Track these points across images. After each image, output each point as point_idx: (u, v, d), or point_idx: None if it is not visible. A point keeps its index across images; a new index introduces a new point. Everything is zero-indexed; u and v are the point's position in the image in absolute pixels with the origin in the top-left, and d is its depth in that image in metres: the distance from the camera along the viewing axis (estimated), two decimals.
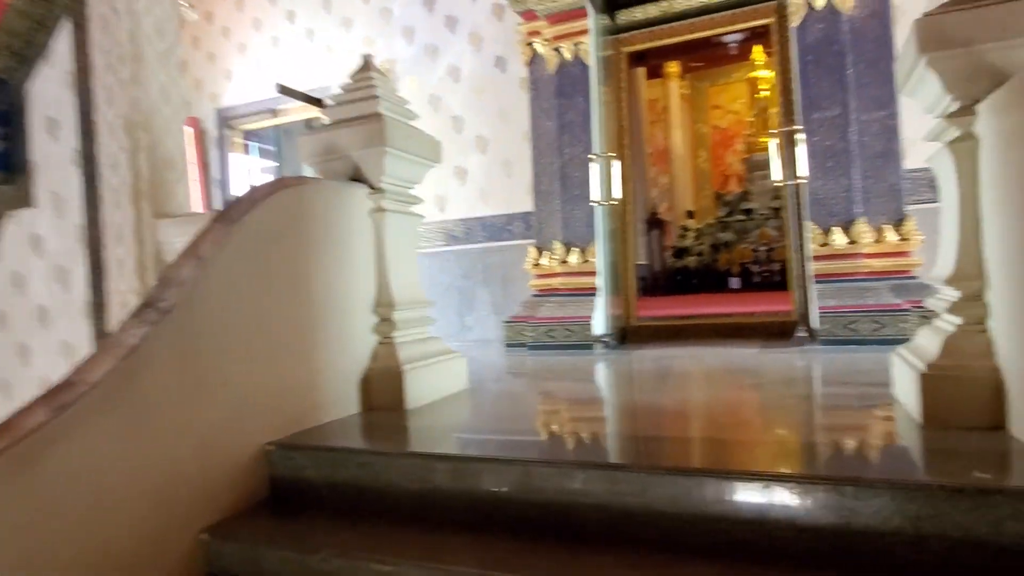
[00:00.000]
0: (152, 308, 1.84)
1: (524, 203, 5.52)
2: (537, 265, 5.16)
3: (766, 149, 12.28)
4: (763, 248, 11.62)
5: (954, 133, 1.98)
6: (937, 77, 1.87)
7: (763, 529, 1.51)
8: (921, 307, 3.93)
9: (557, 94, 4.91)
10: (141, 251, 3.73)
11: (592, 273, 4.76)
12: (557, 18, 4.78)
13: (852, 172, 4.13)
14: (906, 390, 2.11)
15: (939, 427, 1.87)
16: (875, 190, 4.20)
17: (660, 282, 11.43)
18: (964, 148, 1.95)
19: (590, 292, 4.74)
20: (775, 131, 4.23)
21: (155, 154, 3.86)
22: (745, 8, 4.80)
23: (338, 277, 2.57)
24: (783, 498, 1.50)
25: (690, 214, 12.88)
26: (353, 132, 2.71)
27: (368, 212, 2.78)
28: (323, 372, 2.45)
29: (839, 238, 4.10)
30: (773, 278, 11.00)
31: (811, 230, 4.17)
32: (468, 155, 5.74)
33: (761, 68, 11.90)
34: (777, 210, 11.73)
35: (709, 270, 11.82)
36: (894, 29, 4.15)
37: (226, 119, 7.13)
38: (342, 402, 2.55)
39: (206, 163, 7.16)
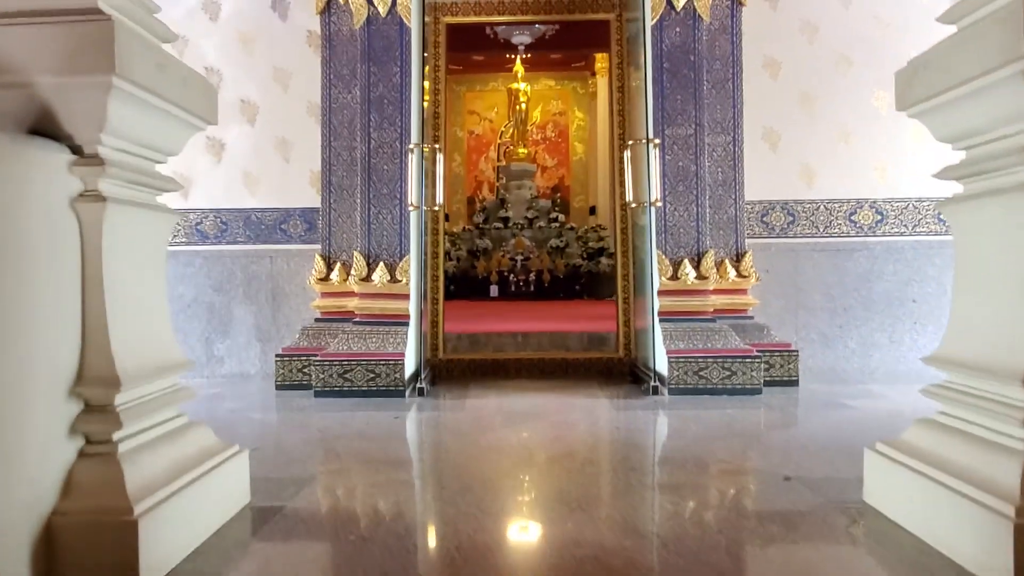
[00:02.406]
0: None
1: (306, 196, 4.22)
2: (325, 280, 3.92)
3: (523, 159, 13.09)
4: (520, 257, 11.82)
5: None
6: None
7: None
8: (773, 350, 3.67)
9: (364, 58, 3.75)
10: None
11: (403, 296, 3.70)
12: None
13: (702, 199, 3.73)
14: (950, 529, 1.50)
15: None
16: (717, 221, 3.87)
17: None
18: None
19: (399, 320, 3.68)
20: (632, 141, 3.65)
21: None
22: None
23: None
24: None
25: (445, 216, 12.71)
26: (39, 36, 1.36)
27: (67, 200, 1.44)
28: None
29: (689, 272, 3.66)
30: (528, 288, 11.24)
31: (660, 260, 3.67)
32: (227, 124, 4.23)
33: (521, 81, 12.42)
34: (532, 220, 12.12)
35: (467, 276, 11.67)
36: (742, 47, 3.86)
37: None
38: None
39: None
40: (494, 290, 11.53)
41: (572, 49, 12.04)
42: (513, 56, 12.05)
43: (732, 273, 3.83)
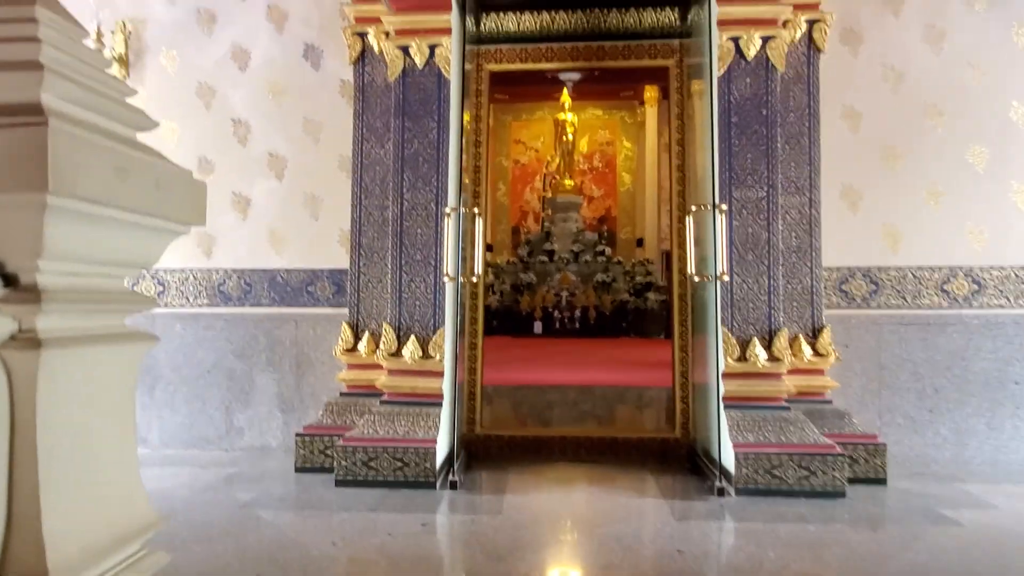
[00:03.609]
0: None
1: (336, 256, 3.93)
2: (352, 351, 3.61)
3: (569, 191, 12.81)
4: (565, 293, 11.53)
5: None
6: None
7: None
8: (857, 443, 3.19)
9: (398, 112, 3.45)
10: None
11: (436, 374, 3.35)
12: (407, 5, 3.34)
13: (774, 269, 3.29)
14: None
15: None
16: (790, 292, 3.43)
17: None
18: None
19: (432, 400, 3.32)
20: (696, 207, 3.24)
21: None
22: (643, 42, 3.83)
23: None
24: None
25: (489, 247, 12.76)
26: None
27: None
28: None
29: (759, 353, 3.22)
30: (574, 325, 10.82)
31: (725, 339, 3.24)
32: (254, 178, 3.99)
33: (568, 111, 12.36)
34: (578, 254, 11.82)
35: (510, 312, 11.43)
36: (819, 98, 3.44)
37: None
38: None
39: None
40: (538, 327, 11.21)
41: (623, 84, 11.78)
42: (560, 86, 11.88)
43: (808, 352, 3.38)
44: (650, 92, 12.58)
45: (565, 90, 11.99)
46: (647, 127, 13.12)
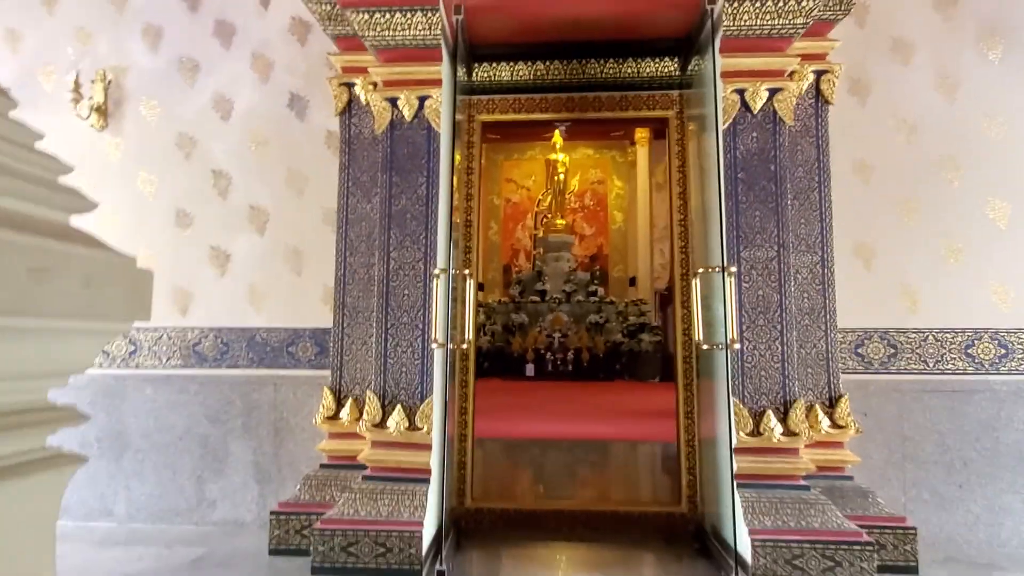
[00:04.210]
0: None
1: (319, 315, 3.70)
2: (334, 419, 3.34)
3: (561, 230, 12.75)
4: (557, 334, 11.36)
5: None
6: None
7: None
8: (884, 526, 2.92)
9: (386, 166, 3.25)
10: None
11: (423, 447, 3.08)
12: (395, 55, 3.17)
13: (787, 334, 3.06)
14: None
15: None
16: (804, 357, 3.20)
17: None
18: None
19: (418, 476, 3.05)
20: (703, 269, 3.03)
21: None
22: (641, 92, 3.67)
23: None
24: None
25: (480, 286, 12.73)
26: None
27: None
28: None
29: (774, 426, 2.96)
30: (566, 367, 10.64)
31: (736, 411, 2.99)
32: (234, 233, 3.77)
33: (559, 151, 12.54)
34: (570, 294, 11.71)
35: (502, 353, 11.25)
36: (829, 153, 3.26)
37: None
38: None
39: None
40: (530, 369, 11.05)
41: (615, 126, 11.83)
42: (552, 127, 11.99)
43: (825, 423, 3.13)
44: (641, 133, 12.67)
45: (557, 131, 12.05)
46: (638, 166, 13.19)
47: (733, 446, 2.93)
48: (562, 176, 13.09)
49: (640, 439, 5.76)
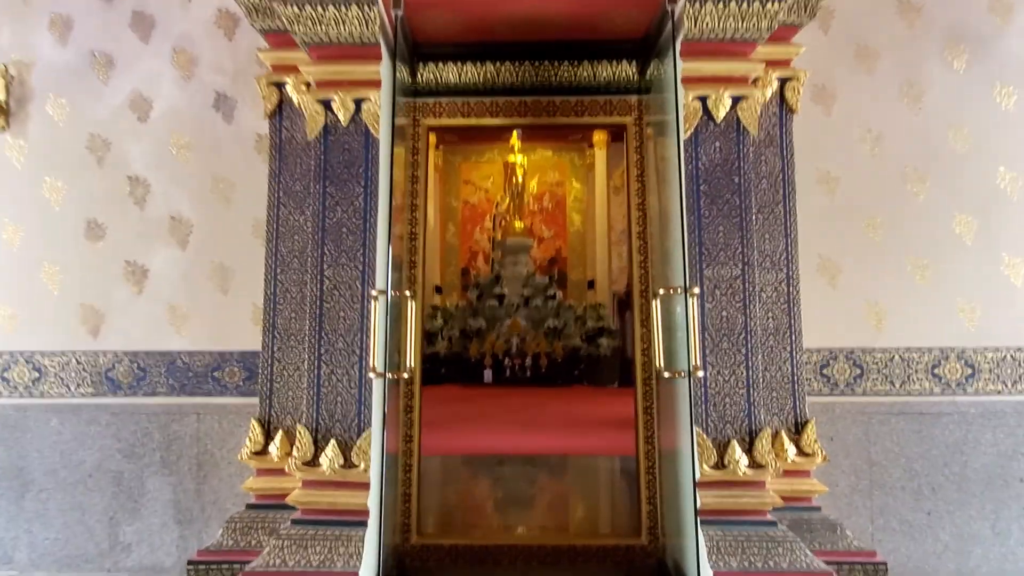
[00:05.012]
0: None
1: (248, 337, 3.37)
2: (262, 453, 3.02)
3: (519, 234, 12.60)
4: (515, 340, 11.22)
5: None
6: None
7: None
8: (854, 562, 2.75)
9: (320, 175, 2.95)
10: None
11: (360, 486, 2.79)
12: (329, 53, 2.87)
13: (753, 358, 2.87)
14: None
15: None
16: (769, 381, 3.02)
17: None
18: None
19: (355, 519, 2.76)
20: (663, 291, 2.82)
21: None
22: (597, 97, 3.45)
23: None
24: None
25: (438, 289, 12.50)
26: None
27: None
28: None
29: (740, 458, 2.77)
30: (524, 373, 10.45)
31: (700, 442, 2.78)
32: (153, 245, 3.42)
33: (518, 153, 12.44)
34: (528, 299, 11.59)
35: (459, 359, 11.06)
36: (794, 164, 3.09)
37: None
38: None
39: None
40: (488, 375, 10.86)
41: (573, 130, 11.71)
42: (510, 129, 11.84)
43: (791, 450, 2.95)
44: (599, 135, 12.62)
45: (515, 133, 11.89)
46: (596, 169, 13.14)
47: (696, 480, 2.73)
48: (520, 179, 12.99)
49: (599, 453, 5.57)
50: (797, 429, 3.02)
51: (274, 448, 3.02)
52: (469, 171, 13.93)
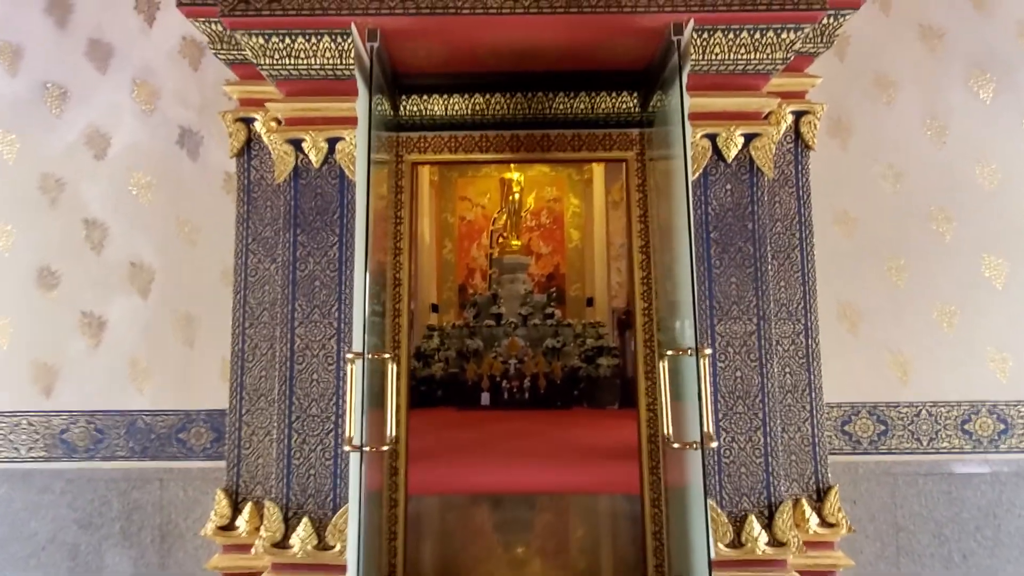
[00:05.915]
0: None
1: (216, 394, 3.08)
2: (229, 528, 2.73)
3: (517, 251, 12.38)
4: (513, 361, 10.96)
5: None
6: None
7: None
8: None
9: (290, 223, 2.67)
10: None
11: (337, 569, 2.50)
12: (300, 88, 2.60)
13: (771, 422, 2.60)
14: None
15: None
16: (787, 443, 2.75)
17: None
18: None
19: None
20: (671, 352, 2.54)
21: None
22: (596, 131, 3.19)
23: None
24: None
25: (434, 307, 12.36)
26: None
27: None
28: None
29: (758, 535, 2.49)
30: (523, 395, 10.21)
31: (714, 517, 2.50)
32: (111, 294, 3.13)
33: (514, 171, 12.30)
34: (526, 318, 11.35)
35: (456, 380, 10.82)
36: (811, 205, 2.83)
37: None
38: None
39: None
40: (485, 398, 10.60)
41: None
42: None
43: (813, 520, 2.68)
44: None
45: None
46: (594, 184, 12.96)
47: (711, 559, 2.45)
48: (517, 196, 12.86)
49: (602, 491, 5.29)
50: (819, 496, 2.75)
51: (242, 522, 2.73)
52: (465, 187, 13.77)
